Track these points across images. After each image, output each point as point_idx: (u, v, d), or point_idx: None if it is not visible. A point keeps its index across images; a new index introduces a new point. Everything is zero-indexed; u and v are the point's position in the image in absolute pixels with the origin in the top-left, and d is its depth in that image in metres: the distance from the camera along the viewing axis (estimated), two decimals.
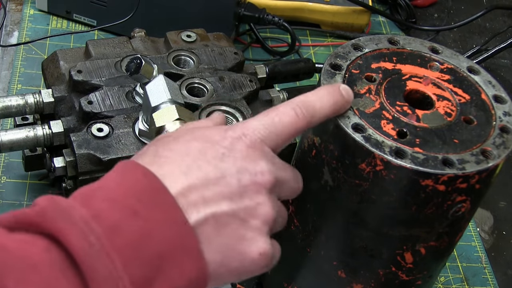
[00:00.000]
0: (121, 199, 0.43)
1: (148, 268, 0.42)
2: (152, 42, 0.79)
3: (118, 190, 0.44)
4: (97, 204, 0.43)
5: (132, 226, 0.42)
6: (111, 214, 0.42)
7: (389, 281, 0.58)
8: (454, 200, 0.52)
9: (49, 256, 0.40)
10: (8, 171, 0.77)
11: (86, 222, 0.42)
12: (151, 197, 0.44)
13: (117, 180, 0.45)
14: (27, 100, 0.71)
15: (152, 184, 0.44)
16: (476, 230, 0.85)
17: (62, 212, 0.42)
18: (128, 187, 0.44)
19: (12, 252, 0.40)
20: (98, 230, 0.42)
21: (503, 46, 1.00)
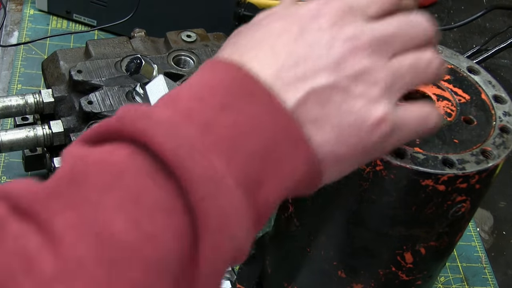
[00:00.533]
0: (208, 95, 0.39)
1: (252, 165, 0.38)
2: (152, 42, 0.79)
3: (202, 88, 0.40)
4: (186, 104, 0.39)
5: (227, 120, 0.38)
6: (202, 111, 0.39)
7: (389, 281, 0.58)
8: (454, 200, 0.52)
9: (134, 162, 0.37)
10: (8, 171, 0.77)
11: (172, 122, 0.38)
12: (242, 88, 0.40)
13: (200, 79, 0.41)
14: (27, 100, 0.71)
15: (239, 73, 0.40)
16: (476, 230, 0.85)
17: (143, 113, 0.38)
18: (213, 83, 0.40)
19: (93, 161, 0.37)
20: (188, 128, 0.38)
21: (503, 46, 1.00)
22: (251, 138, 0.39)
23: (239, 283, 0.70)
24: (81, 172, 0.36)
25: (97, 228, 0.34)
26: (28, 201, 0.35)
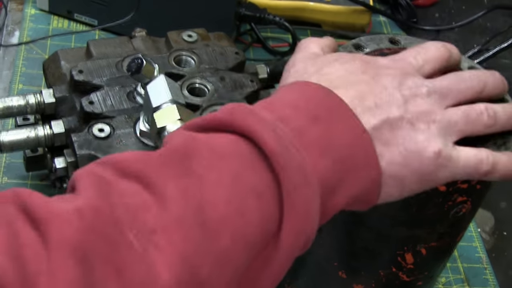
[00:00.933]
0: (303, 106, 0.46)
1: (334, 170, 0.45)
2: (153, 42, 0.79)
3: (297, 100, 0.47)
4: (280, 110, 0.46)
5: (317, 129, 0.45)
6: (295, 118, 0.45)
7: (390, 281, 0.58)
8: (455, 200, 0.52)
9: (237, 147, 0.43)
10: (9, 172, 0.77)
11: (272, 122, 0.44)
12: (329, 107, 0.46)
13: (292, 93, 0.48)
14: (28, 100, 0.71)
15: (328, 95, 0.47)
16: (477, 230, 0.85)
17: (250, 111, 0.44)
18: (306, 97, 0.47)
19: (202, 141, 0.43)
20: (285, 129, 0.44)
21: (504, 46, 1.00)
22: (336, 148, 0.45)
23: None
24: (192, 148, 0.42)
25: (199, 197, 0.40)
26: (139, 166, 0.41)
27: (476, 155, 0.49)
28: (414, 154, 0.47)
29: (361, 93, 0.48)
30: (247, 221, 0.41)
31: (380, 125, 0.47)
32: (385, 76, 0.50)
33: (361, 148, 0.46)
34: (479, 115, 0.50)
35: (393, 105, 0.48)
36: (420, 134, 0.48)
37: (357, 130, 0.46)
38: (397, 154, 0.47)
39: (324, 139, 0.45)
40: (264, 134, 0.42)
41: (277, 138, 0.43)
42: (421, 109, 0.49)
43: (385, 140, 0.47)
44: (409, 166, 0.47)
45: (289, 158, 0.42)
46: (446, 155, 0.48)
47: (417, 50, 0.52)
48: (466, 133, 0.50)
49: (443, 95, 0.50)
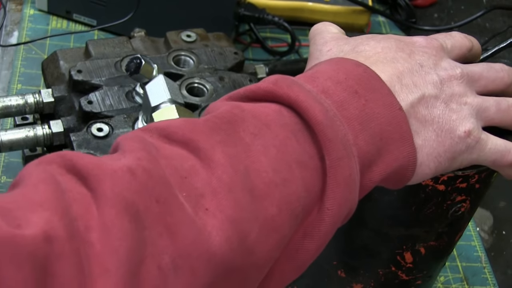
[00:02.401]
0: (343, 80, 0.46)
1: (373, 144, 0.45)
2: (152, 42, 0.79)
3: (338, 74, 0.47)
4: (322, 83, 0.46)
5: (357, 104, 0.45)
6: (337, 91, 0.45)
7: (389, 280, 0.58)
8: (454, 200, 0.53)
9: (281, 117, 0.43)
10: (8, 171, 0.77)
11: (316, 94, 0.44)
12: (368, 83, 0.47)
13: (332, 67, 0.48)
14: (27, 100, 0.71)
15: (366, 71, 0.47)
16: (476, 229, 0.85)
17: (294, 82, 0.44)
18: (346, 72, 0.47)
19: (247, 110, 0.43)
20: (328, 102, 0.44)
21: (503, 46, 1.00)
22: (374, 123, 0.46)
23: None
24: (238, 116, 0.42)
25: (246, 164, 0.40)
26: (185, 132, 0.41)
27: (504, 143, 0.50)
28: (447, 132, 0.48)
29: (399, 70, 0.49)
30: (292, 190, 0.41)
31: (416, 102, 0.48)
32: (421, 54, 0.50)
33: (397, 124, 0.46)
34: (510, 107, 0.51)
35: (429, 83, 0.49)
36: (453, 113, 0.49)
37: (393, 107, 0.47)
38: (432, 131, 0.48)
39: (364, 114, 0.45)
40: (311, 104, 0.43)
41: (323, 109, 0.43)
42: (455, 90, 0.50)
43: (421, 117, 0.48)
44: (443, 144, 0.48)
45: (335, 129, 0.43)
46: (475, 136, 0.49)
47: (445, 35, 0.54)
48: (495, 121, 0.51)
49: (474, 80, 0.51)
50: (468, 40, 0.55)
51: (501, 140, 0.50)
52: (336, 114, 0.44)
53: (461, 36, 0.54)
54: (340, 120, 0.44)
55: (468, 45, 0.54)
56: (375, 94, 0.46)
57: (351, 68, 0.47)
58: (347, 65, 0.48)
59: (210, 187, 0.39)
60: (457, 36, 0.54)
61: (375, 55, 0.50)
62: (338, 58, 0.49)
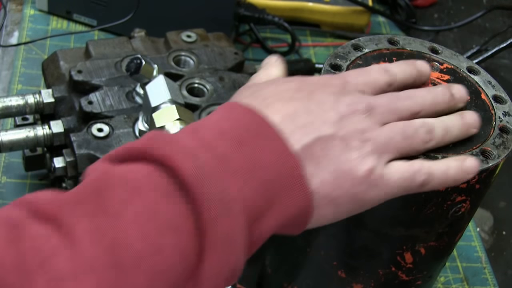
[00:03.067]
0: (228, 130, 0.45)
1: (261, 195, 0.43)
2: (152, 42, 0.80)
3: (223, 123, 0.45)
4: (203, 136, 0.44)
5: (242, 154, 0.44)
6: (218, 144, 0.44)
7: (389, 281, 0.58)
8: (454, 200, 0.52)
9: (152, 181, 0.41)
10: (8, 171, 0.77)
11: (193, 149, 0.43)
12: (257, 129, 0.45)
13: (221, 116, 0.47)
14: (27, 100, 0.71)
15: (255, 117, 0.46)
16: (476, 230, 0.85)
17: (169, 140, 0.43)
18: (233, 120, 0.46)
19: (116, 175, 0.41)
20: (207, 157, 0.43)
21: (503, 46, 1.00)
22: (261, 172, 0.44)
23: (239, 283, 0.70)
24: (105, 184, 0.40)
25: (112, 236, 0.38)
26: (52, 206, 0.39)
27: (409, 168, 0.48)
28: (345, 173, 0.46)
29: (293, 111, 0.47)
30: (164, 258, 0.39)
31: (311, 143, 0.46)
32: (321, 92, 0.49)
33: (288, 170, 0.45)
34: (416, 131, 0.49)
35: (326, 122, 0.47)
36: (353, 152, 0.47)
37: (283, 152, 0.45)
38: (329, 173, 0.46)
39: (249, 164, 0.44)
40: (183, 163, 0.41)
41: (196, 167, 0.41)
42: (356, 127, 0.47)
43: (317, 159, 0.46)
44: (341, 186, 0.46)
45: (210, 186, 0.41)
46: (378, 174, 0.47)
47: (359, 71, 0.51)
48: (404, 150, 0.49)
49: (380, 112, 0.49)
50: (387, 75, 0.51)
51: (405, 165, 0.48)
52: (215, 170, 0.42)
53: (379, 72, 0.51)
54: (220, 176, 0.42)
55: (386, 80, 0.51)
56: (263, 140, 0.45)
57: (240, 114, 0.46)
58: (237, 111, 0.46)
59: (72, 269, 0.36)
60: (372, 72, 0.51)
61: (272, 97, 0.48)
62: (231, 104, 0.48)
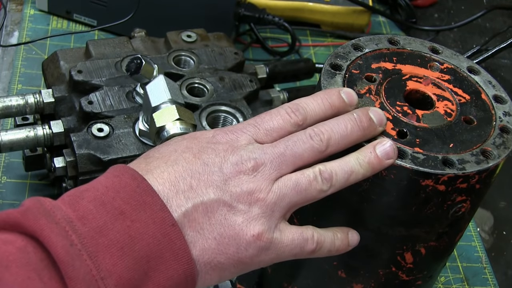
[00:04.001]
0: (109, 201, 0.44)
1: (135, 270, 0.42)
2: (152, 42, 0.80)
3: (106, 193, 0.44)
4: (84, 206, 0.43)
5: (119, 227, 0.43)
6: (98, 215, 0.43)
7: (389, 281, 0.58)
8: (454, 200, 0.52)
9: (25, 256, 0.40)
10: (9, 171, 0.77)
11: (70, 222, 0.42)
12: (139, 199, 0.44)
13: (106, 183, 0.45)
14: (27, 100, 0.71)
15: (140, 185, 0.45)
16: (476, 230, 0.85)
17: (45, 212, 0.42)
18: (116, 190, 0.44)
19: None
20: (83, 230, 0.42)
21: (503, 46, 1.00)
22: (139, 244, 0.43)
23: (239, 283, 0.70)
24: None
25: None
26: None
27: (302, 235, 0.48)
28: (231, 239, 0.46)
29: (177, 175, 0.46)
30: None
31: (192, 210, 0.45)
32: (209, 152, 0.47)
33: (168, 242, 0.44)
34: (311, 182, 0.47)
35: (210, 186, 0.46)
36: (239, 216, 0.46)
37: (165, 223, 0.44)
38: (211, 240, 0.45)
39: (127, 237, 0.43)
40: (54, 240, 0.40)
41: (66, 244, 0.41)
42: (244, 188, 0.46)
43: (199, 226, 0.45)
44: (224, 252, 0.46)
45: (77, 266, 0.40)
46: (267, 238, 0.46)
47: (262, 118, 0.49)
48: (298, 204, 0.48)
49: (274, 165, 0.47)
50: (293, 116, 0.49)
51: (297, 231, 0.48)
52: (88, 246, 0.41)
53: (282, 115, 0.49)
54: (91, 252, 0.41)
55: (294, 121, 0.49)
56: (145, 212, 0.44)
57: (125, 183, 0.45)
58: (123, 179, 0.45)
59: None
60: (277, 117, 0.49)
61: (158, 159, 0.47)
62: (120, 168, 0.47)
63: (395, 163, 0.50)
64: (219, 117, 0.73)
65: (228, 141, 0.48)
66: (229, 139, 0.48)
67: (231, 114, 0.72)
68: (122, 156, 0.66)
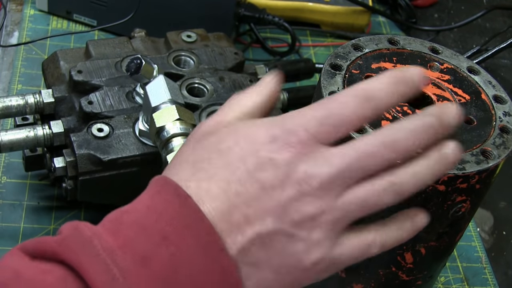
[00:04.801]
0: (152, 224, 0.40)
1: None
2: (152, 42, 0.80)
3: (148, 213, 0.41)
4: (125, 232, 0.40)
5: (164, 254, 0.39)
6: (141, 242, 0.39)
7: (389, 281, 0.58)
8: (454, 200, 0.52)
9: (65, 286, 0.38)
10: (8, 171, 0.77)
11: (111, 253, 0.39)
12: (185, 220, 0.40)
13: (148, 202, 0.41)
14: (27, 100, 0.71)
15: (184, 205, 0.40)
16: (476, 230, 0.85)
17: (84, 242, 0.39)
18: (160, 209, 0.40)
19: (26, 281, 0.38)
20: (125, 262, 0.39)
21: (503, 46, 1.00)
22: (186, 276, 0.39)
23: None
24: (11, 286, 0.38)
25: None
26: None
27: (362, 242, 0.43)
28: (289, 268, 0.41)
29: (229, 204, 0.40)
30: None
31: (249, 244, 0.40)
32: (268, 167, 0.41)
33: (219, 274, 0.39)
34: (381, 197, 0.42)
35: (269, 215, 0.40)
36: (300, 243, 0.41)
37: (215, 253, 0.39)
38: (269, 272, 0.41)
39: (172, 267, 0.39)
40: (94, 276, 0.38)
41: (108, 279, 0.38)
42: (306, 213, 0.41)
43: (255, 259, 0.41)
44: (281, 280, 0.42)
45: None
46: (328, 260, 0.42)
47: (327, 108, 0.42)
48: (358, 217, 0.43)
49: (340, 180, 0.41)
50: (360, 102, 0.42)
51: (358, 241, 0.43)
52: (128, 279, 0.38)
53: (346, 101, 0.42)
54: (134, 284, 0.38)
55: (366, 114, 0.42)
56: (193, 236, 0.39)
57: (167, 201, 0.40)
58: (165, 196, 0.41)
59: None
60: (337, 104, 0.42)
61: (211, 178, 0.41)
62: (162, 181, 0.42)
63: None
64: None
65: (290, 149, 0.41)
66: (291, 145, 0.41)
67: None
68: (122, 156, 0.66)
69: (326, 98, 0.44)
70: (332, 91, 0.54)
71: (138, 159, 0.67)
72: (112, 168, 0.67)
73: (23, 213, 0.74)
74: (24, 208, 0.74)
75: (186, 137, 0.62)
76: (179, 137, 0.62)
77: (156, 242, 0.39)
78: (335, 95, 0.44)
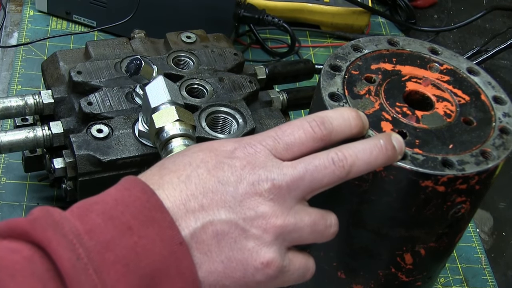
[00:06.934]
0: (117, 215, 0.43)
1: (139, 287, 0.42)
2: (152, 43, 0.79)
3: (115, 206, 0.43)
4: (93, 219, 0.43)
5: (126, 243, 0.42)
6: (105, 230, 0.42)
7: (389, 282, 0.58)
8: (454, 201, 0.52)
9: (31, 265, 0.40)
10: (8, 172, 0.77)
11: (78, 235, 0.41)
12: (148, 214, 0.43)
13: (116, 195, 0.45)
14: (26, 101, 0.71)
15: (150, 200, 0.44)
16: (476, 231, 0.85)
17: (53, 223, 0.42)
18: (126, 204, 0.44)
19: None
20: (89, 244, 0.41)
21: (503, 47, 1.00)
22: (144, 262, 0.42)
23: None
24: None
25: None
26: None
27: (305, 262, 0.48)
28: (238, 263, 0.44)
29: (188, 193, 0.44)
30: None
31: (201, 230, 0.44)
32: (225, 168, 0.45)
33: (174, 261, 0.43)
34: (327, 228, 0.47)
35: (223, 207, 0.44)
36: (251, 241, 0.44)
37: (172, 241, 0.43)
38: (219, 263, 0.44)
39: (133, 253, 0.42)
40: (61, 253, 0.40)
41: (73, 258, 0.40)
42: (258, 212, 0.45)
43: (206, 247, 0.44)
44: (231, 276, 0.44)
45: (84, 281, 0.40)
46: (277, 266, 0.45)
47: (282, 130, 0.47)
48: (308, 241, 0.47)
49: (291, 189, 0.45)
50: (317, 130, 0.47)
51: (303, 258, 0.47)
52: (94, 260, 0.41)
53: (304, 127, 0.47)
54: (98, 267, 0.41)
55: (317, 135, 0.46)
56: (153, 228, 0.43)
57: (135, 196, 0.44)
58: (133, 192, 0.44)
59: None
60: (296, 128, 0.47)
61: (172, 173, 0.46)
62: (131, 180, 0.46)
63: (394, 164, 0.50)
64: (218, 118, 0.73)
65: (246, 156, 0.46)
66: (247, 154, 0.46)
67: (230, 115, 0.72)
68: (122, 157, 0.66)
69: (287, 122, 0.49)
70: (331, 92, 0.54)
71: (137, 160, 0.67)
72: (111, 169, 0.67)
73: (23, 214, 0.74)
74: (24, 209, 0.74)
75: (185, 138, 0.62)
76: (178, 138, 0.62)
77: (121, 231, 0.42)
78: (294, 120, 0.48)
